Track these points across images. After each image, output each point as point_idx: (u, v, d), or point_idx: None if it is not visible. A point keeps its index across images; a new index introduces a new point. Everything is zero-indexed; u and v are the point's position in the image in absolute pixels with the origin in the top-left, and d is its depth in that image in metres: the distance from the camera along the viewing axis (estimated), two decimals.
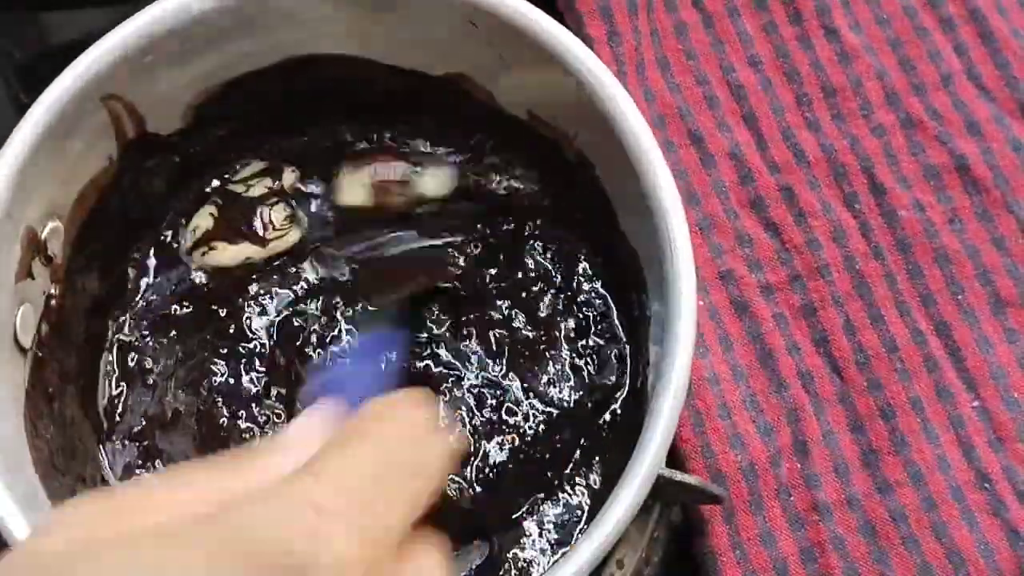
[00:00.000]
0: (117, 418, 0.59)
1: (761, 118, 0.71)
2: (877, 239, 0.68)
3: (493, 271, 0.61)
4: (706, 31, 0.73)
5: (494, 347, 0.60)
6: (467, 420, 0.58)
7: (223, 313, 0.61)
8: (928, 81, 0.72)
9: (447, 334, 0.60)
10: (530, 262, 0.61)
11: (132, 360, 0.60)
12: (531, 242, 0.62)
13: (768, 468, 0.64)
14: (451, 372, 0.59)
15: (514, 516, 0.57)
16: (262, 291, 0.61)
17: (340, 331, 0.60)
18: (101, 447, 0.58)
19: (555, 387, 0.59)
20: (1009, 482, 0.64)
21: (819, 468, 0.64)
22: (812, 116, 0.71)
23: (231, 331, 0.60)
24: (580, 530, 0.57)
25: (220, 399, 0.59)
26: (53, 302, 0.56)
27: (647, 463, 0.47)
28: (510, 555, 0.57)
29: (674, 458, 0.63)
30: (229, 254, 0.61)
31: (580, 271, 0.61)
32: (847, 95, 0.71)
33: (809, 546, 0.63)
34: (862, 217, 0.69)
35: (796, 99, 0.72)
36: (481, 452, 0.58)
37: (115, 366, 0.60)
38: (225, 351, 0.60)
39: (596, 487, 0.58)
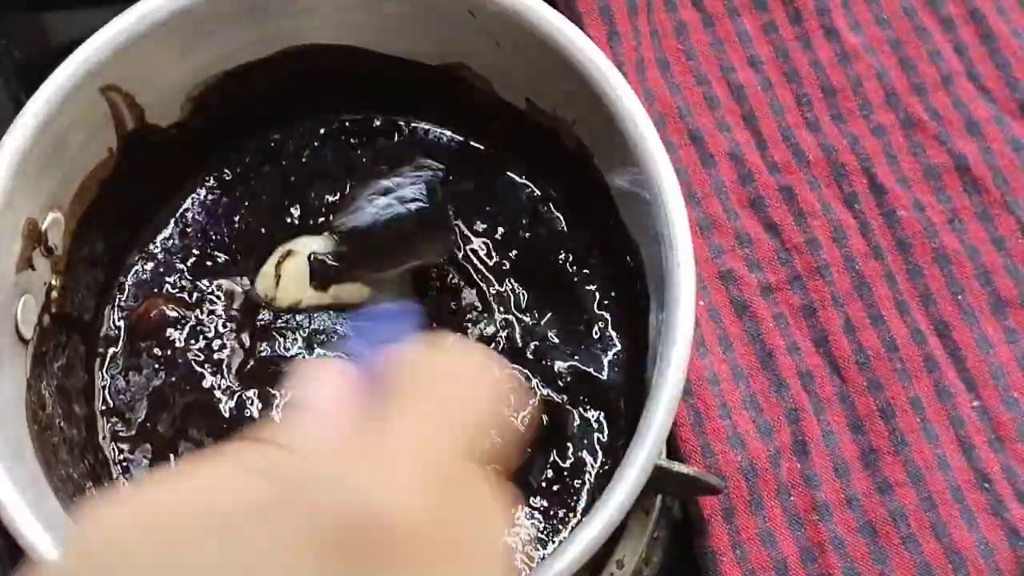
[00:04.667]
0: (117, 408, 0.59)
1: (761, 118, 0.71)
2: (877, 239, 0.68)
3: (491, 261, 0.61)
4: (706, 31, 0.73)
5: (488, 339, 0.60)
6: None
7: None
8: (928, 81, 0.72)
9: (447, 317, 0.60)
10: (531, 254, 0.62)
11: (131, 351, 0.60)
12: (531, 233, 0.62)
13: (768, 468, 0.64)
14: None
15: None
16: None
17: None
18: (102, 437, 0.58)
19: (553, 379, 0.59)
20: (1009, 482, 0.64)
21: (819, 468, 0.64)
22: (812, 116, 0.71)
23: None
24: (578, 521, 0.57)
25: (215, 390, 0.59)
26: (54, 293, 0.56)
27: (644, 455, 0.47)
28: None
29: (674, 459, 0.63)
30: None
31: (579, 261, 0.61)
32: (847, 95, 0.72)
33: (809, 546, 0.63)
34: (862, 217, 0.69)
35: (796, 99, 0.72)
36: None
37: (114, 358, 0.60)
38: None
39: (594, 479, 0.57)
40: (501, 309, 0.60)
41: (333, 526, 0.31)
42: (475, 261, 0.61)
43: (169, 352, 0.60)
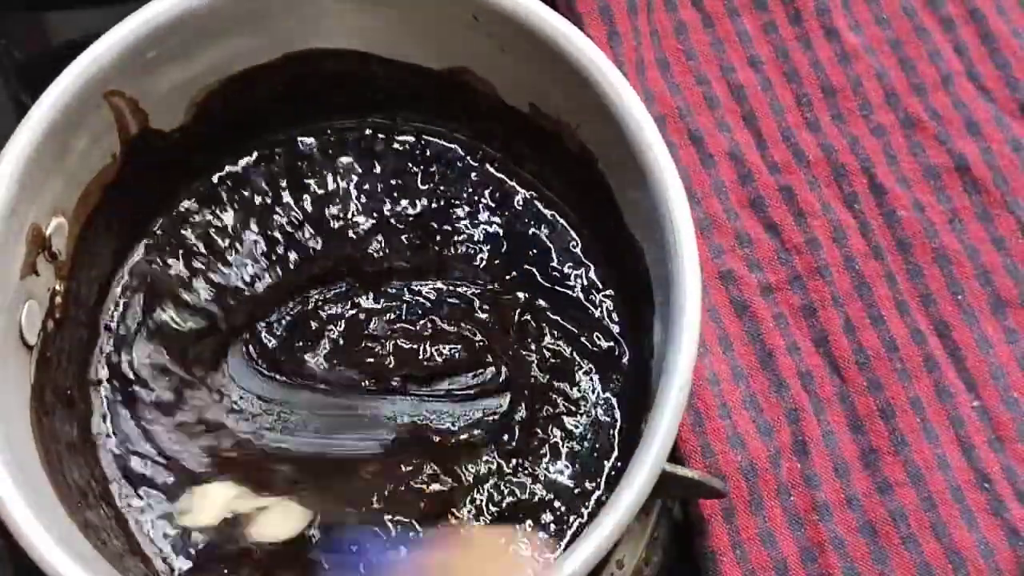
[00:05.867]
0: (121, 414, 0.59)
1: (761, 118, 0.71)
2: (877, 239, 0.68)
3: (495, 264, 0.62)
4: (706, 31, 0.73)
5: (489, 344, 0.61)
6: (462, 421, 0.59)
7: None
8: (928, 81, 0.72)
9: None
10: (534, 257, 0.62)
11: (133, 359, 0.60)
12: (534, 237, 0.62)
13: (768, 468, 0.64)
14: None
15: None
16: None
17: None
18: (107, 444, 0.58)
19: (558, 383, 0.59)
20: (1009, 482, 0.64)
21: (819, 468, 0.64)
22: (812, 116, 0.71)
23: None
24: (581, 527, 0.57)
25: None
26: (58, 299, 0.56)
27: (650, 461, 0.47)
28: None
29: (674, 459, 0.63)
30: None
31: (582, 265, 0.61)
32: (847, 95, 0.72)
33: (809, 546, 0.63)
34: (862, 217, 0.69)
35: (796, 99, 0.72)
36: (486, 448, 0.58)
37: (116, 365, 0.60)
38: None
39: (599, 485, 0.58)
40: (505, 314, 0.60)
41: None
42: (478, 265, 0.61)
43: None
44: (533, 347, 0.60)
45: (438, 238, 0.62)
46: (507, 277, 0.61)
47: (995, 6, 0.73)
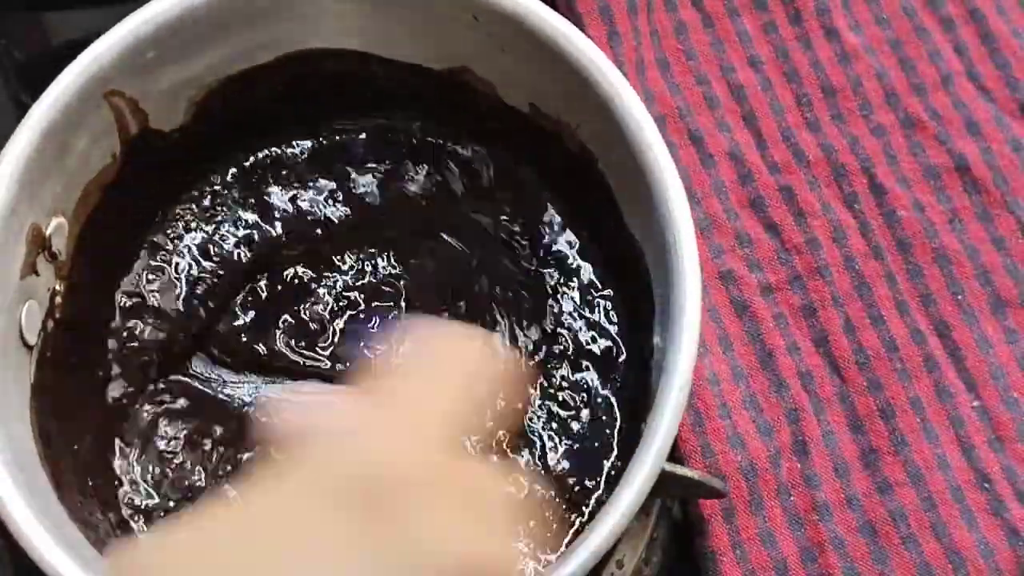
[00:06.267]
0: (124, 414, 0.59)
1: (761, 118, 0.71)
2: (877, 239, 0.68)
3: (495, 264, 0.62)
4: (706, 31, 0.73)
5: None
6: None
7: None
8: (928, 81, 0.72)
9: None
10: (533, 257, 0.62)
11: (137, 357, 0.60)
12: (533, 238, 0.62)
13: (768, 468, 0.64)
14: None
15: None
16: None
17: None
18: (109, 443, 0.58)
19: (557, 384, 0.59)
20: (1009, 482, 0.64)
21: (819, 468, 0.64)
22: (812, 116, 0.71)
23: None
24: (581, 527, 0.57)
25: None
26: (58, 299, 0.56)
27: (650, 461, 0.47)
28: None
29: (674, 459, 0.63)
30: None
31: (583, 263, 0.61)
32: (847, 95, 0.72)
33: (809, 546, 0.63)
34: (862, 217, 0.69)
35: (796, 99, 0.72)
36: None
37: (120, 364, 0.60)
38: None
39: (599, 484, 0.58)
40: (504, 314, 0.60)
41: (354, 476, 0.37)
42: (478, 266, 0.61)
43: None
44: (533, 347, 0.60)
45: (438, 238, 0.62)
46: (506, 277, 0.61)
47: (995, 6, 0.73)
